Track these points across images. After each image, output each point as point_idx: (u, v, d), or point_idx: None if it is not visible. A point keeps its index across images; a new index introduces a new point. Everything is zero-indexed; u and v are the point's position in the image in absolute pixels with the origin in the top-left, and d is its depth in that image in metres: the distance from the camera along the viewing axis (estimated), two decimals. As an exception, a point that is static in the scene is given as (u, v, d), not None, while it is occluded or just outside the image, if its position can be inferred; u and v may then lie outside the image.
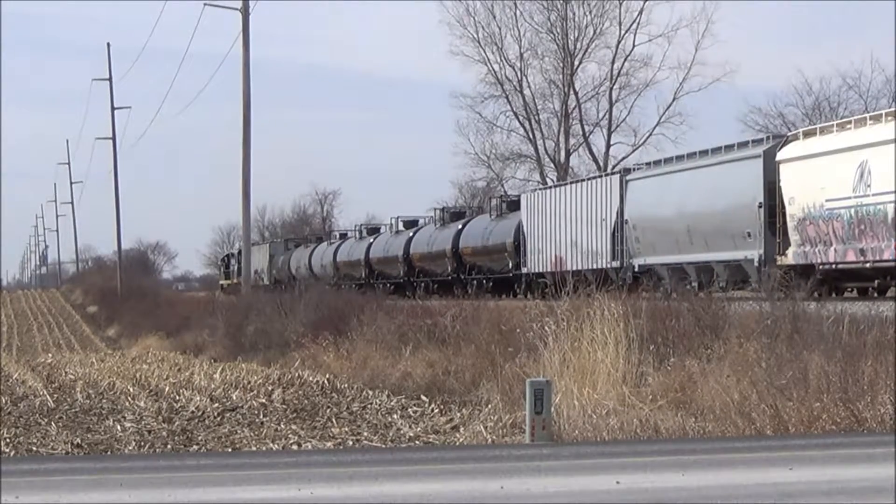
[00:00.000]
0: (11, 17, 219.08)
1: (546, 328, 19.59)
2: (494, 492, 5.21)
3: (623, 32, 73.58)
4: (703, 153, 37.05)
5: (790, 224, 31.49)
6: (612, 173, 43.34)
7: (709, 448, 7.04)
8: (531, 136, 75.34)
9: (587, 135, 75.27)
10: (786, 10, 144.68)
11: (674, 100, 73.10)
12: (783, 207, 31.80)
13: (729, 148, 36.24)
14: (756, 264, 32.43)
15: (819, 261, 30.44)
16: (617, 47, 73.94)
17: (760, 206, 32.55)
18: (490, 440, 17.30)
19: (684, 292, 25.20)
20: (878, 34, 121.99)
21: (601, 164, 73.32)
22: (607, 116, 74.71)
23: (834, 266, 30.16)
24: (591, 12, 74.33)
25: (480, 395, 21.08)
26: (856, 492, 5.32)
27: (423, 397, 22.38)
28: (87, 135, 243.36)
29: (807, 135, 32.37)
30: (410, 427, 19.25)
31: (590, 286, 21.16)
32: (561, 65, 74.67)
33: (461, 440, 17.78)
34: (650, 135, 73.62)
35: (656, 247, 37.99)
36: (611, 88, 74.32)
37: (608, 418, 16.53)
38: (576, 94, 74.93)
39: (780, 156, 32.28)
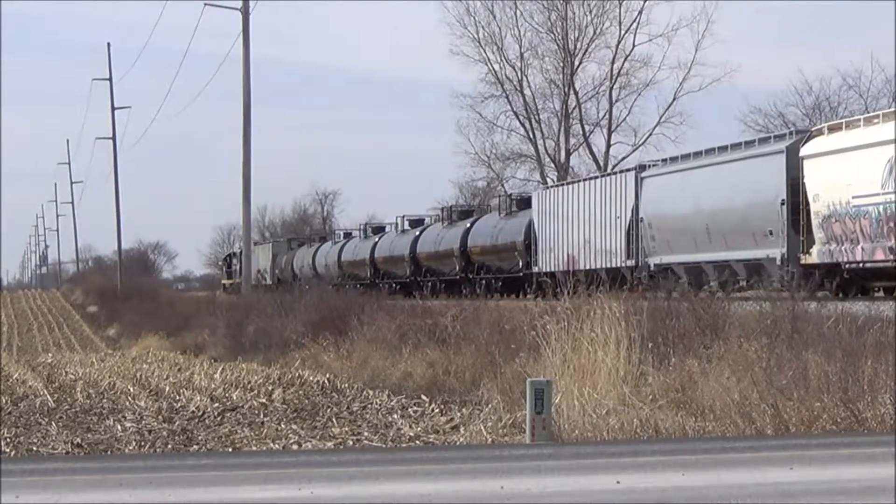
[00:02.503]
0: (11, 17, 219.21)
1: (547, 328, 19.59)
2: (494, 492, 5.21)
3: (623, 32, 73.64)
4: (722, 149, 36.31)
5: (814, 222, 30.71)
6: (627, 170, 42.32)
7: (709, 448, 7.04)
8: (531, 136, 75.36)
9: (587, 135, 75.33)
10: (786, 10, 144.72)
11: (674, 100, 73.15)
12: (807, 204, 31.02)
13: (749, 144, 35.57)
14: (778, 263, 31.67)
15: (845, 259, 29.68)
16: (617, 47, 73.99)
17: (783, 204, 31.81)
18: (490, 440, 17.30)
19: (684, 292, 25.12)
20: (878, 34, 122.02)
21: (601, 163, 73.32)
22: (607, 116, 74.74)
23: (861, 265, 29.40)
24: (591, 12, 74.37)
25: (481, 394, 21.08)
26: (856, 492, 5.32)
27: (424, 397, 22.39)
28: (87, 135, 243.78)
29: (832, 129, 31.47)
30: (411, 427, 19.25)
31: (590, 286, 21.10)
32: (561, 65, 74.68)
33: (461, 440, 17.78)
34: (650, 134, 73.68)
35: (673, 245, 37.32)
36: (611, 88, 74.36)
37: (608, 418, 16.53)
38: (576, 93, 74.95)
39: (803, 151, 31.46)
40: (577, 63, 74.50)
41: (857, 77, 63.03)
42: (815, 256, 30.71)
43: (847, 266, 29.82)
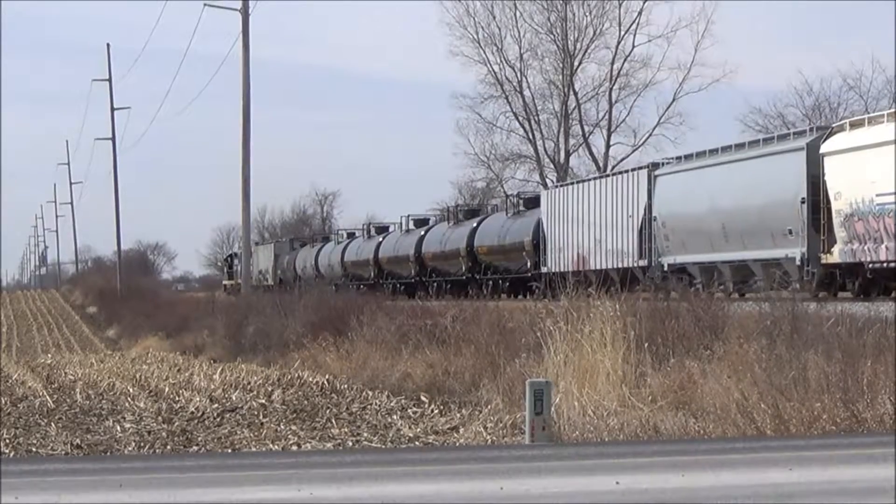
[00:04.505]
0: (11, 17, 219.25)
1: (547, 328, 19.59)
2: (494, 492, 5.20)
3: (623, 33, 73.81)
4: (739, 146, 35.82)
5: (836, 220, 29.99)
6: (640, 168, 41.81)
7: (709, 448, 7.04)
8: (531, 137, 75.44)
9: (587, 135, 75.44)
10: (786, 10, 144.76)
11: (673, 100, 73.31)
12: (828, 203, 30.32)
13: (768, 141, 35.10)
14: (798, 263, 31.17)
15: (869, 259, 29.02)
16: (616, 48, 74.14)
17: (803, 202, 31.14)
18: (490, 441, 17.30)
19: (684, 292, 25.09)
20: (878, 34, 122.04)
21: (601, 164, 73.39)
22: (607, 117, 74.84)
23: (885, 265, 28.69)
24: (590, 13, 74.52)
25: (480, 395, 21.09)
26: (856, 492, 5.31)
27: (423, 398, 22.38)
28: (86, 135, 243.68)
29: (853, 125, 30.72)
30: (410, 428, 19.25)
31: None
32: (561, 65, 74.77)
33: (461, 441, 17.78)
34: (650, 135, 73.83)
35: (687, 245, 36.72)
36: (610, 89, 74.46)
37: (608, 419, 16.55)
38: (575, 94, 75.02)
39: (824, 148, 30.74)
40: (576, 64, 74.62)
41: (858, 78, 63.20)
42: (836, 256, 30.05)
43: (870, 266, 29.17)
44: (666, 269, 37.57)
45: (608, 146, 74.97)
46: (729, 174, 35.31)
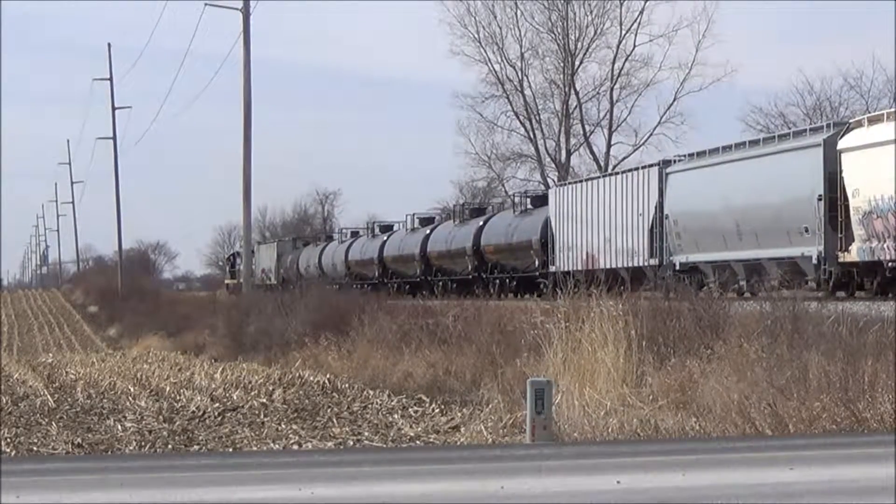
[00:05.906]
0: (11, 17, 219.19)
1: (547, 327, 19.59)
2: (495, 492, 5.21)
3: (624, 32, 73.74)
4: (754, 143, 35.39)
5: (854, 218, 29.45)
6: (650, 165, 41.21)
7: (709, 448, 7.04)
8: (532, 136, 75.41)
9: (588, 135, 75.39)
10: (786, 10, 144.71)
11: (674, 100, 73.24)
12: (846, 200, 29.76)
13: (783, 137, 34.71)
14: (815, 262, 30.72)
15: (888, 258, 28.52)
16: (618, 47, 74.09)
17: (820, 199, 30.53)
18: (491, 440, 17.31)
19: (685, 292, 25.05)
20: (878, 34, 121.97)
21: (602, 164, 73.38)
22: (608, 116, 74.82)
23: None
24: (591, 12, 74.46)
25: (481, 394, 21.08)
26: (856, 492, 5.32)
27: (424, 397, 22.39)
28: (87, 135, 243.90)
29: (871, 121, 30.10)
30: (411, 427, 19.26)
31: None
32: (562, 65, 74.75)
33: (462, 440, 17.78)
34: (651, 135, 73.78)
35: (700, 243, 36.25)
36: (611, 88, 74.43)
37: (608, 418, 16.55)
38: (576, 94, 74.99)
39: (841, 144, 30.18)
40: (577, 63, 74.59)
41: (859, 77, 63.14)
42: (854, 254, 29.54)
43: (890, 264, 28.70)
44: (678, 267, 37.10)
45: (609, 146, 75.00)
46: (743, 171, 34.76)
